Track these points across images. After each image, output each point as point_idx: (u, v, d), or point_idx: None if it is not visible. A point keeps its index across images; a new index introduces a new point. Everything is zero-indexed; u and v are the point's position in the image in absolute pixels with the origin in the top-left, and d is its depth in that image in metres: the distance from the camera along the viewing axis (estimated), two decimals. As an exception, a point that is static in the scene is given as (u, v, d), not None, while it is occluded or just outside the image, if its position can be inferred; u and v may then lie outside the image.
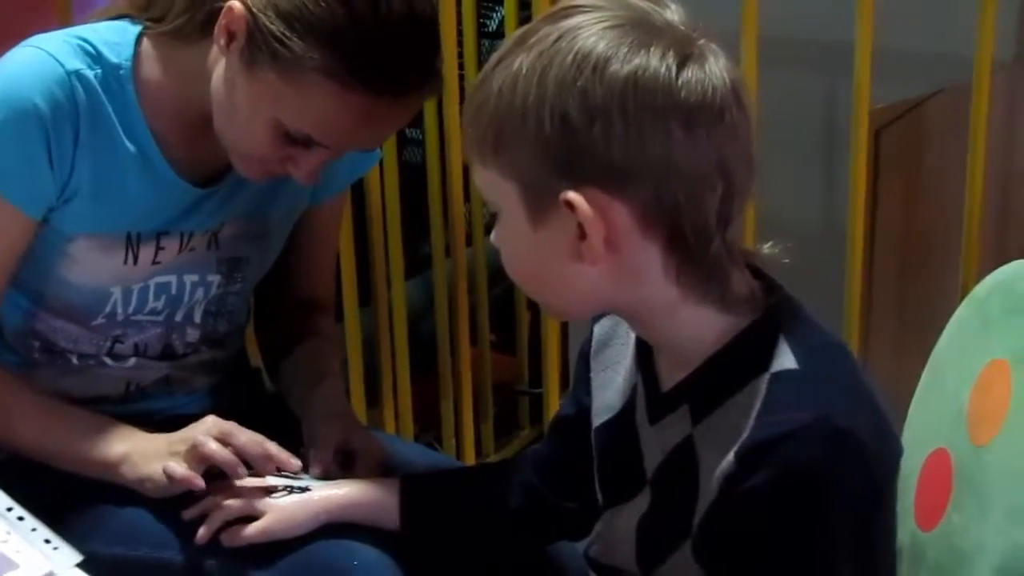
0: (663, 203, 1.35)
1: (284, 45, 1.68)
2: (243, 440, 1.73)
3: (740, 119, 1.38)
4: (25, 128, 1.75)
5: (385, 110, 1.72)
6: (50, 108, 1.76)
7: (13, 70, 1.78)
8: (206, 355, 1.99)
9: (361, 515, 1.73)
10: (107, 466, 1.78)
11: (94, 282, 1.85)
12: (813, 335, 1.43)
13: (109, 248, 1.83)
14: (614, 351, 1.58)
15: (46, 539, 1.45)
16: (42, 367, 1.91)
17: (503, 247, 1.45)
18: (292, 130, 1.73)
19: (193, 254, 1.90)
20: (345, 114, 1.71)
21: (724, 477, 1.36)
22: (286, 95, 1.71)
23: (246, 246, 1.95)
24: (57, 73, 1.77)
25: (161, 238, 1.86)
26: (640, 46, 1.35)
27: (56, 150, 1.77)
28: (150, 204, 1.84)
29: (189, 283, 1.91)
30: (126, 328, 1.90)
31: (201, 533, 1.72)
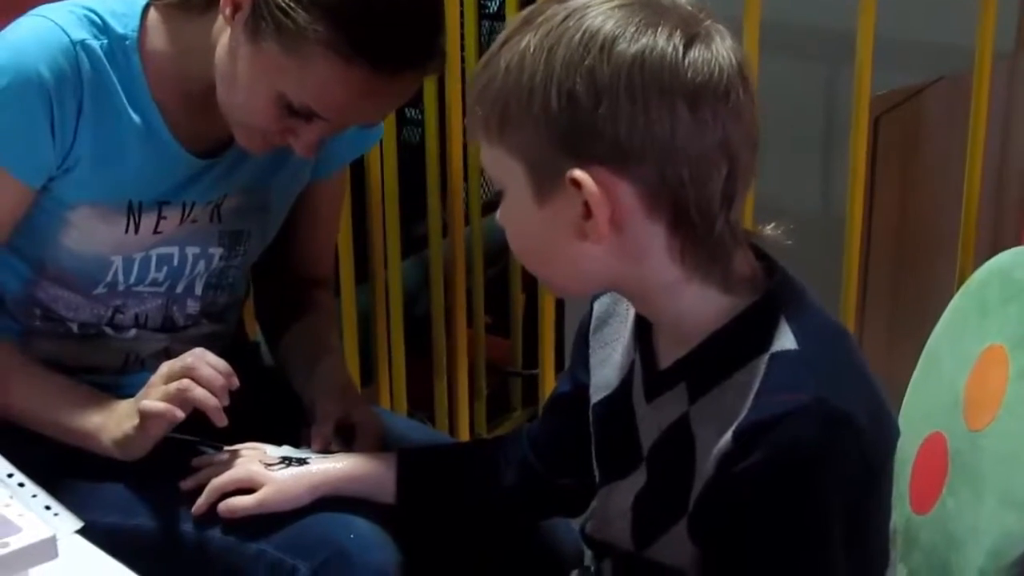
0: (668, 182, 1.36)
1: (288, 16, 1.69)
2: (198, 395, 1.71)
3: (745, 100, 1.39)
4: (28, 96, 1.75)
5: (386, 85, 1.73)
6: (54, 77, 1.76)
7: (18, 38, 1.78)
8: (206, 328, 2.00)
9: (358, 489, 1.73)
10: (86, 435, 1.79)
11: (95, 250, 1.86)
12: (814, 317, 1.44)
13: (110, 216, 1.84)
14: (613, 329, 1.59)
15: (46, 505, 1.45)
16: (42, 335, 1.91)
17: (508, 225, 1.46)
18: (294, 102, 1.74)
19: (195, 226, 1.90)
20: (346, 87, 1.72)
21: (721, 456, 1.37)
22: (289, 67, 1.72)
23: (247, 219, 1.95)
24: (62, 42, 1.77)
25: (163, 207, 1.87)
26: (647, 26, 1.36)
27: (59, 120, 1.77)
28: (152, 173, 1.85)
29: (191, 255, 1.92)
30: (127, 298, 1.91)
31: (198, 504, 1.72)
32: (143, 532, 1.75)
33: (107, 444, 1.78)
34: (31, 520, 1.33)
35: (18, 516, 1.32)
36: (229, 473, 1.73)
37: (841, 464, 1.36)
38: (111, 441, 1.77)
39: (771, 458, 1.34)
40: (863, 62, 2.18)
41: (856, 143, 2.21)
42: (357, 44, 1.69)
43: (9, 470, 1.54)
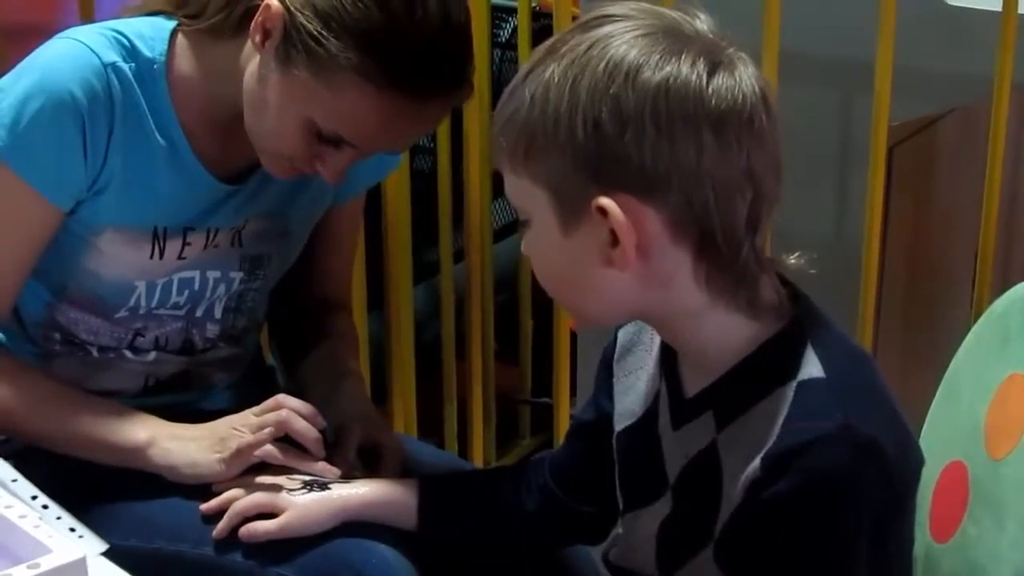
0: (694, 209, 1.36)
1: (319, 44, 1.70)
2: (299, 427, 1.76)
3: (769, 126, 1.40)
4: (61, 118, 1.76)
5: (416, 113, 1.74)
6: (87, 98, 1.76)
7: (50, 61, 1.78)
8: (224, 351, 2.00)
9: (379, 514, 1.73)
10: (132, 452, 1.79)
11: (119, 275, 1.86)
12: (839, 343, 1.45)
13: (136, 241, 1.84)
14: (637, 357, 1.59)
15: (71, 527, 1.46)
16: (61, 358, 1.91)
17: (533, 254, 1.46)
18: (323, 129, 1.75)
19: (217, 250, 1.90)
20: (377, 115, 1.72)
21: (749, 484, 1.37)
22: (319, 94, 1.72)
23: (268, 244, 1.96)
24: (94, 64, 1.77)
25: (187, 233, 1.87)
26: (671, 54, 1.37)
27: (91, 141, 1.78)
28: (178, 199, 1.85)
29: (212, 279, 1.92)
30: (147, 321, 1.91)
31: (220, 527, 1.72)
32: (164, 555, 1.74)
33: (157, 462, 1.78)
34: (60, 541, 1.33)
35: (48, 537, 1.33)
36: (251, 497, 1.73)
37: (868, 490, 1.36)
38: (163, 461, 1.78)
39: (799, 485, 1.34)
40: (881, 93, 2.19)
41: (874, 173, 2.22)
42: (388, 72, 1.70)
43: (33, 492, 1.55)
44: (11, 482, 1.54)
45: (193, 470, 1.77)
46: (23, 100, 1.75)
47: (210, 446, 1.77)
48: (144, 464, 1.79)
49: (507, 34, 3.19)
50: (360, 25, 1.69)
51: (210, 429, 1.79)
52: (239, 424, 1.78)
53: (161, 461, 1.78)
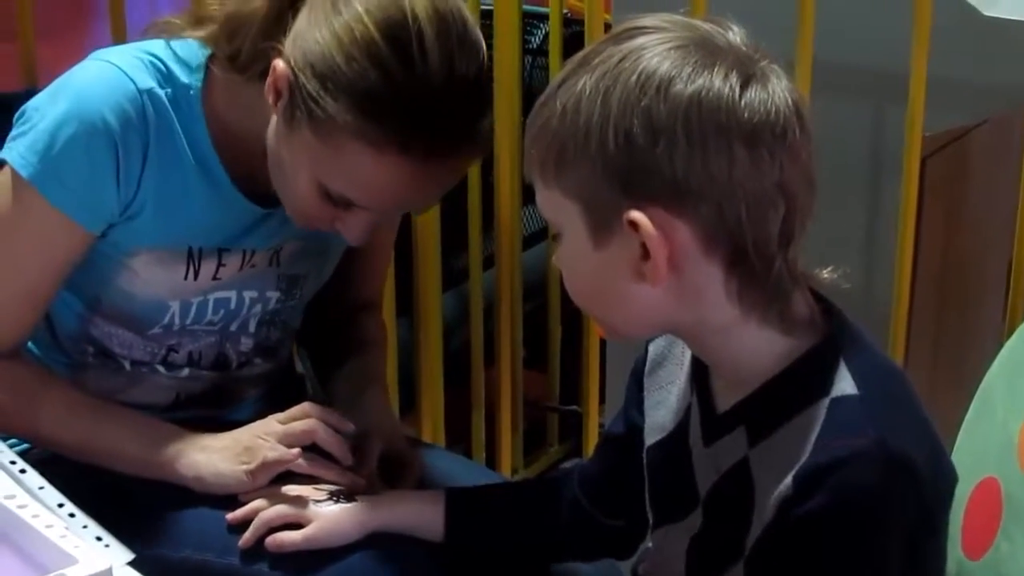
0: (726, 222, 1.35)
1: (318, 105, 1.66)
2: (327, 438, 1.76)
3: (802, 139, 1.39)
4: (94, 144, 1.74)
5: (424, 174, 1.69)
6: (120, 125, 1.75)
7: (85, 85, 1.77)
8: (259, 367, 1.99)
9: (406, 526, 1.73)
10: (158, 464, 1.79)
11: (153, 295, 1.85)
12: (872, 359, 1.44)
13: (170, 262, 1.83)
14: (668, 371, 1.58)
15: (97, 536, 1.45)
16: (93, 371, 1.91)
17: (564, 267, 1.45)
18: (332, 192, 1.72)
19: (254, 270, 1.89)
20: (382, 177, 1.68)
21: (781, 500, 1.36)
22: (323, 156, 1.69)
23: (306, 263, 1.95)
24: (129, 90, 1.76)
25: (223, 254, 1.86)
26: (703, 66, 1.36)
27: (124, 168, 1.76)
28: (213, 221, 1.84)
29: (248, 298, 1.91)
30: (181, 337, 1.90)
31: (246, 537, 1.72)
32: (190, 564, 1.74)
33: (184, 474, 1.78)
34: (87, 551, 1.33)
35: (74, 548, 1.33)
36: (277, 507, 1.72)
37: (901, 508, 1.35)
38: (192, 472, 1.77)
39: (832, 502, 1.33)
40: (915, 104, 2.18)
41: (908, 184, 2.21)
42: (387, 134, 1.65)
43: (59, 499, 1.55)
44: (38, 489, 1.54)
45: (219, 480, 1.76)
46: (57, 126, 1.74)
47: (236, 456, 1.76)
48: (171, 476, 1.78)
49: (538, 40, 3.19)
50: (356, 85, 1.64)
51: (235, 439, 1.78)
52: (265, 433, 1.77)
53: (188, 472, 1.78)
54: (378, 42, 1.64)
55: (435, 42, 1.65)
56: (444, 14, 1.67)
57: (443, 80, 1.66)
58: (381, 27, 1.65)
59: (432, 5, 1.67)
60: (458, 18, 1.69)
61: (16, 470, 1.58)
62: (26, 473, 1.58)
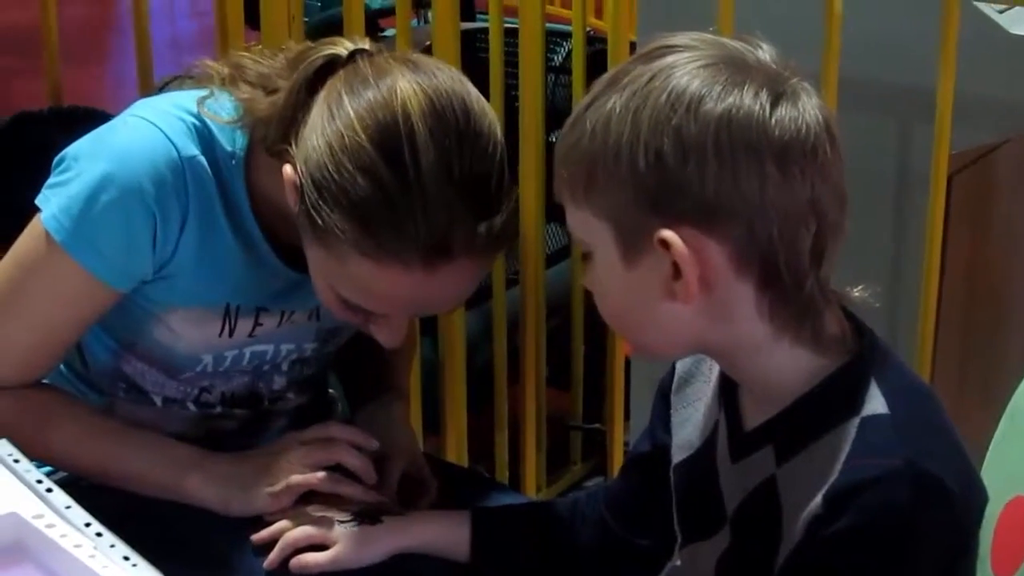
0: (757, 241, 1.35)
1: (320, 215, 1.61)
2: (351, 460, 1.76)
3: (833, 157, 1.38)
4: (132, 212, 1.70)
5: (434, 280, 1.62)
6: (160, 192, 1.70)
7: (124, 148, 1.72)
8: (292, 402, 1.97)
9: (431, 547, 1.73)
10: (182, 488, 1.79)
11: (187, 347, 1.83)
12: (903, 379, 1.43)
13: (206, 320, 1.80)
14: (695, 388, 1.58)
15: (125, 556, 1.44)
16: (124, 404, 1.89)
17: (596, 288, 1.45)
18: (347, 300, 1.68)
19: (293, 326, 1.86)
20: (387, 286, 1.64)
21: (810, 519, 1.36)
22: (331, 266, 1.65)
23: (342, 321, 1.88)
24: (171, 156, 1.71)
25: (260, 314, 1.83)
26: (733, 85, 1.36)
27: (160, 234, 1.72)
28: (251, 283, 1.80)
29: (285, 350, 1.89)
30: (214, 379, 1.88)
31: (271, 558, 1.71)
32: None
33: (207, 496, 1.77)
34: (115, 571, 1.32)
35: (103, 568, 1.32)
36: (302, 528, 1.72)
37: (932, 528, 1.35)
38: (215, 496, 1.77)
39: (862, 522, 1.33)
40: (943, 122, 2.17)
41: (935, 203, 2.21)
42: (383, 245, 1.59)
43: (87, 519, 1.53)
44: (65, 509, 1.53)
45: (243, 504, 1.76)
46: (94, 191, 1.70)
47: (259, 478, 1.76)
48: (195, 499, 1.78)
49: (560, 58, 3.19)
50: (348, 196, 1.59)
51: (258, 461, 1.78)
52: (288, 454, 1.77)
53: (212, 496, 1.77)
54: (368, 149, 1.58)
55: (429, 143, 1.58)
56: (441, 111, 1.60)
57: (440, 184, 1.58)
58: (371, 132, 1.58)
59: (428, 102, 1.60)
60: (459, 112, 1.61)
61: (43, 489, 1.58)
62: (52, 492, 1.57)
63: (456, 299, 1.73)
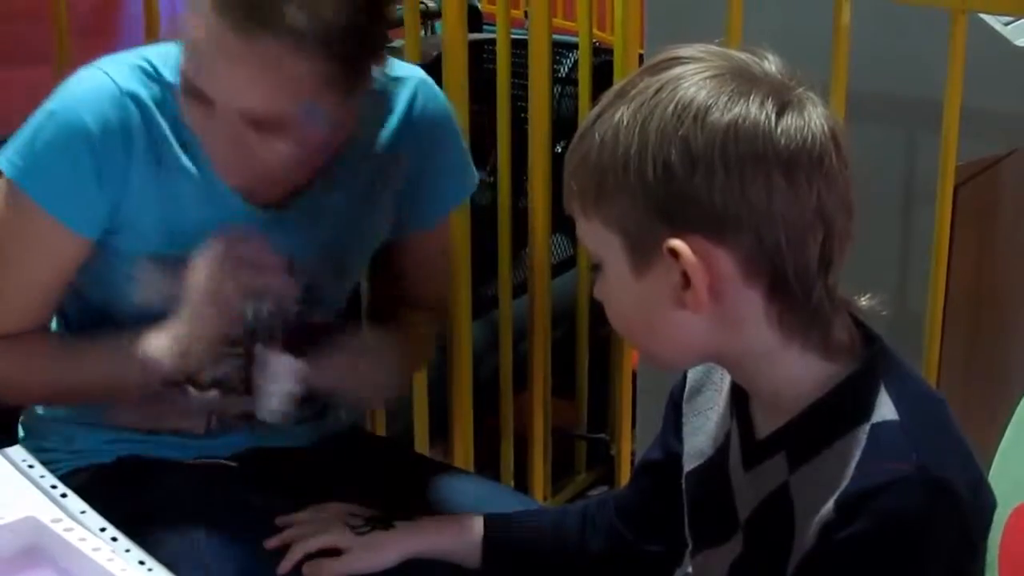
0: (765, 249, 1.36)
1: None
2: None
3: (839, 165, 1.40)
4: (72, 146, 1.78)
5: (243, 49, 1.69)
6: (99, 128, 1.78)
7: (70, 90, 1.82)
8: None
9: (443, 553, 1.74)
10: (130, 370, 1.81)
11: (162, 305, 1.83)
12: (912, 385, 1.44)
13: (172, 269, 1.82)
14: (707, 397, 1.59)
15: (140, 560, 1.46)
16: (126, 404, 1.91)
17: (606, 298, 1.46)
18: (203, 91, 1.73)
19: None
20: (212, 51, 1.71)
21: (822, 524, 1.37)
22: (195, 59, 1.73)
23: (322, 276, 1.93)
24: (111, 93, 1.79)
25: None
26: (740, 95, 1.37)
27: (105, 168, 1.79)
28: (210, 225, 1.83)
29: (264, 310, 1.87)
30: None
31: (283, 565, 1.73)
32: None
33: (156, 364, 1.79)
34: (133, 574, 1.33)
35: (121, 571, 1.33)
36: (314, 535, 1.73)
37: (943, 533, 1.36)
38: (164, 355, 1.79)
39: (873, 527, 1.34)
40: (949, 134, 2.18)
41: (941, 215, 2.22)
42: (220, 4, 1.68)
43: (102, 524, 1.55)
44: (80, 513, 1.54)
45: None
46: (38, 128, 1.79)
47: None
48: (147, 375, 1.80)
49: (567, 69, 3.20)
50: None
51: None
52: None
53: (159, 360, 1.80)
54: None
55: None
56: None
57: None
58: None
59: None
60: None
61: (57, 495, 1.59)
62: (67, 498, 1.59)
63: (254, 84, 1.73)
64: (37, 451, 1.79)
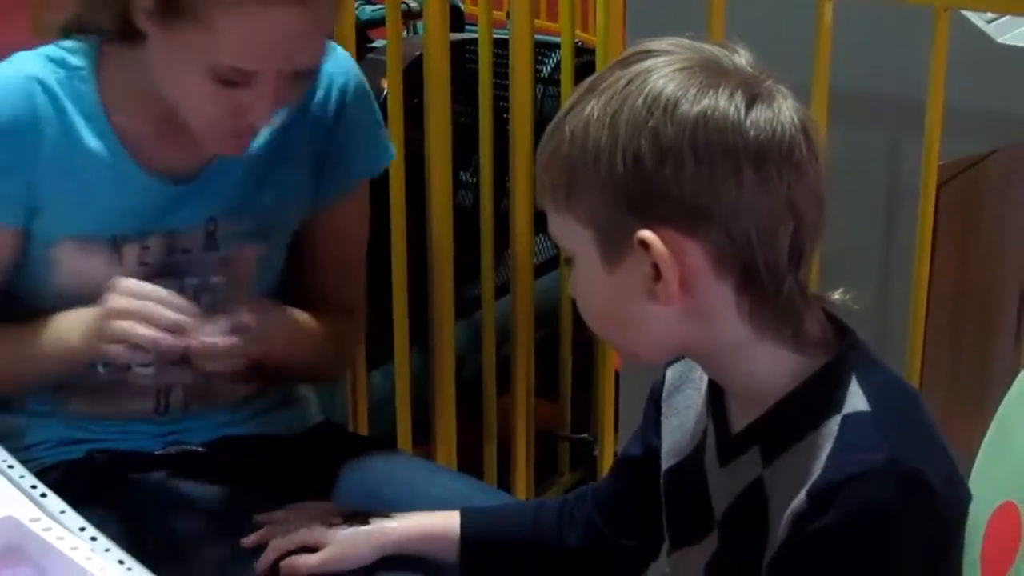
0: (735, 242, 1.37)
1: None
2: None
3: (809, 157, 1.40)
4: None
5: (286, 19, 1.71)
6: (5, 114, 1.81)
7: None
8: None
9: (421, 547, 1.74)
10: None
11: (84, 288, 1.84)
12: (885, 378, 1.45)
13: (92, 250, 1.85)
14: (686, 395, 1.59)
15: (119, 560, 1.45)
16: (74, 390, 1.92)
17: (578, 292, 1.47)
18: (223, 71, 1.73)
19: (189, 256, 1.89)
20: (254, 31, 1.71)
21: (794, 517, 1.37)
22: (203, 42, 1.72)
23: (246, 239, 1.93)
24: (15, 79, 1.82)
25: (145, 238, 1.87)
26: (709, 87, 1.37)
27: (16, 154, 1.81)
28: (125, 203, 1.86)
29: (191, 287, 1.90)
30: None
31: (261, 562, 1.73)
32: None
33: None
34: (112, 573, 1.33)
35: (100, 570, 1.33)
36: (292, 532, 1.73)
37: (915, 524, 1.36)
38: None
39: (845, 518, 1.34)
40: (932, 133, 2.18)
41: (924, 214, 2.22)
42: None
43: (81, 524, 1.54)
44: (59, 513, 1.54)
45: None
46: None
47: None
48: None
49: (549, 69, 3.20)
50: None
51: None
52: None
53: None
54: None
55: None
56: None
57: None
58: None
59: None
60: None
61: (37, 494, 1.59)
62: (47, 497, 1.58)
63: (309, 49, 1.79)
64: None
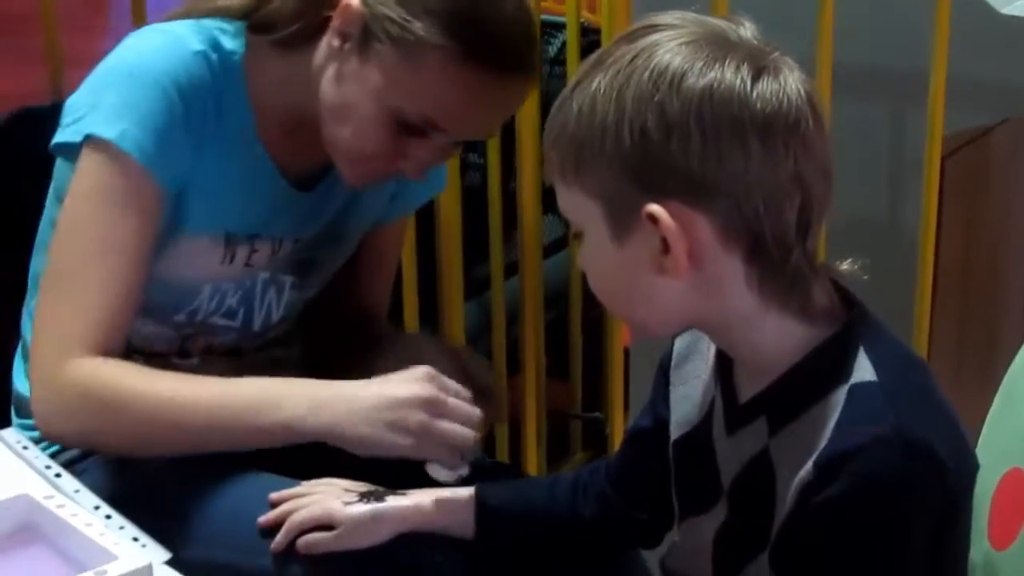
0: (743, 214, 1.37)
1: (404, 29, 1.75)
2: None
3: (816, 129, 1.40)
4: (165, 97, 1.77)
5: (498, 90, 1.79)
6: (187, 81, 1.78)
7: (143, 50, 1.80)
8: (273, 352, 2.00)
9: (436, 524, 1.74)
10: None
11: (187, 280, 1.87)
12: (892, 348, 1.45)
13: (209, 248, 1.85)
14: (693, 366, 1.60)
15: (134, 537, 1.47)
16: None
17: (587, 266, 1.48)
18: (410, 115, 1.77)
19: (274, 257, 1.92)
20: (461, 91, 1.77)
21: (802, 487, 1.38)
22: (405, 79, 1.76)
23: (321, 250, 1.97)
24: (186, 51, 1.80)
25: (255, 240, 1.89)
26: (715, 60, 1.38)
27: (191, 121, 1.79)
28: (252, 201, 1.86)
29: (262, 280, 1.93)
30: (200, 329, 1.92)
31: (277, 540, 1.72)
32: (221, 566, 1.75)
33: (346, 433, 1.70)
34: (126, 549, 1.34)
35: (114, 545, 1.34)
36: (307, 510, 1.73)
37: (922, 494, 1.37)
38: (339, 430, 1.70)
39: (852, 487, 1.35)
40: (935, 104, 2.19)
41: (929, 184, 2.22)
42: (472, 49, 1.74)
43: (96, 502, 1.56)
44: (74, 492, 1.55)
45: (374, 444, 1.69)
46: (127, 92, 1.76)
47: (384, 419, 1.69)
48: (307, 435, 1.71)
49: (555, 50, 3.20)
50: (443, 5, 1.74)
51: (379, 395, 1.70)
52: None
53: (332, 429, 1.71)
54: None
55: None
56: None
57: (513, 7, 1.78)
58: None
59: None
60: None
61: (52, 475, 1.60)
62: (61, 477, 1.60)
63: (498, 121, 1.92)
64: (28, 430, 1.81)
